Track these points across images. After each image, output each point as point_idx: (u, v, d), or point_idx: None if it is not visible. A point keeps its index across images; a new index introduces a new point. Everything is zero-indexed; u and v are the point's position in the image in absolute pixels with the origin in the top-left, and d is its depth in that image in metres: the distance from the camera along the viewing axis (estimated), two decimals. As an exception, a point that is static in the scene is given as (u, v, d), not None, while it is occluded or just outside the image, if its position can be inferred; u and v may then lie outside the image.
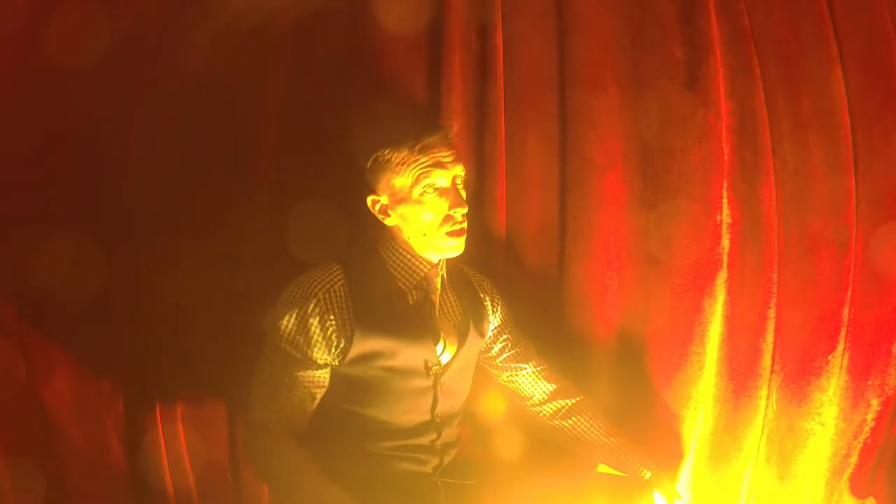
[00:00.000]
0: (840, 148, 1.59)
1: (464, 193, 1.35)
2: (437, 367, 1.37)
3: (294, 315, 1.27)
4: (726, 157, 1.65)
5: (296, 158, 1.67)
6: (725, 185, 1.65)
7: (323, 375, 1.32)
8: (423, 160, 1.28)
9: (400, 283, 1.37)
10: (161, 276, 1.61)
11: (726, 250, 1.67)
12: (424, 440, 1.40)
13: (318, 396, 1.33)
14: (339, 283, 1.31)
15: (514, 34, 1.70)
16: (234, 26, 1.62)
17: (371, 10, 1.65)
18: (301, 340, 1.27)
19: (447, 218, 1.32)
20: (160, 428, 1.67)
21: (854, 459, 1.64)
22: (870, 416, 1.61)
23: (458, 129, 1.47)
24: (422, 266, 1.38)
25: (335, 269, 1.33)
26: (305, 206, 1.61)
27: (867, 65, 1.59)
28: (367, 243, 1.41)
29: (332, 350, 1.29)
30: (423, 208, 1.31)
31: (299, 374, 1.28)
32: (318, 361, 1.29)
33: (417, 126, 1.33)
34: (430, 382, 1.37)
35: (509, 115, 1.70)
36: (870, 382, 1.60)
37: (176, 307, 1.64)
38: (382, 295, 1.35)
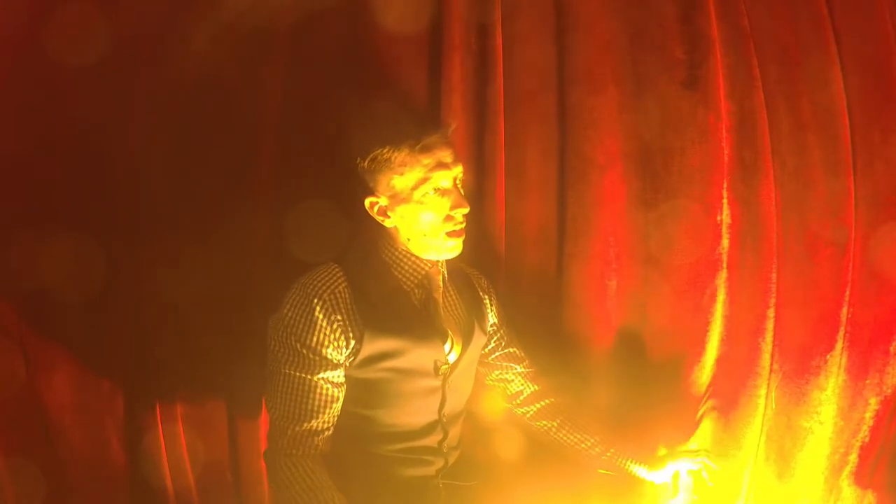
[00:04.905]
0: (839, 148, 1.60)
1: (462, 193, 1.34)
2: (446, 366, 1.37)
3: (301, 315, 1.25)
4: (726, 157, 1.66)
5: (295, 159, 1.66)
6: (725, 185, 1.66)
7: (340, 375, 1.29)
8: (425, 161, 1.26)
9: (402, 283, 1.36)
10: (161, 276, 1.61)
11: (726, 250, 1.67)
12: (431, 441, 1.39)
13: (340, 398, 1.30)
14: (342, 284, 1.29)
15: (514, 34, 1.70)
16: (233, 27, 1.62)
17: (371, 10, 1.65)
18: (312, 340, 1.24)
19: (448, 218, 1.31)
20: (160, 428, 1.66)
21: (853, 458, 1.65)
22: (868, 415, 1.62)
23: (457, 128, 1.45)
24: (423, 264, 1.37)
25: (335, 269, 1.31)
26: (305, 206, 1.61)
27: (867, 65, 1.59)
28: (367, 243, 1.40)
29: (343, 350, 1.27)
30: (424, 209, 1.29)
31: (316, 377, 1.25)
32: (332, 360, 1.27)
33: (417, 125, 1.30)
34: (438, 382, 1.36)
35: (509, 115, 1.69)
36: (868, 381, 1.61)
37: (176, 307, 1.64)
38: (385, 295, 1.33)
